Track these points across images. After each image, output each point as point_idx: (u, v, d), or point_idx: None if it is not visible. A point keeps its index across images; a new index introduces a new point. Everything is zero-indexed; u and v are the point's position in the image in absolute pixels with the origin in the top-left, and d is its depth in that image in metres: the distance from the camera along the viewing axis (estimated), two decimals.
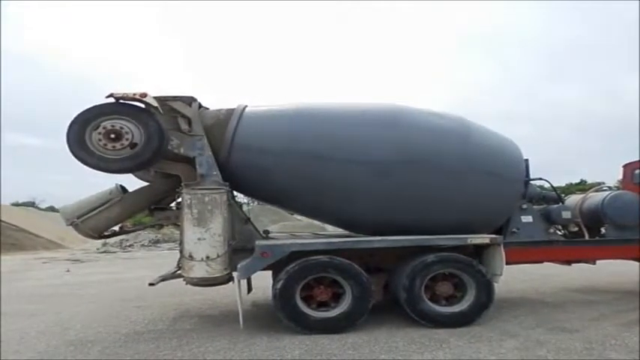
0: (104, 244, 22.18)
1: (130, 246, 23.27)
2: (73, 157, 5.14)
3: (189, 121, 5.66)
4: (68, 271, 13.23)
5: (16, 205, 41.27)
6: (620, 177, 8.32)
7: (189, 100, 5.74)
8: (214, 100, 6.01)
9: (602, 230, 6.83)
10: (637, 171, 7.88)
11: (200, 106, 5.94)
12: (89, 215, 5.75)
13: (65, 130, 5.11)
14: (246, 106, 6.05)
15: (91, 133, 5.13)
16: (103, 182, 6.08)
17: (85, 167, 5.18)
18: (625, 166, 8.11)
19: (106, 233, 6.12)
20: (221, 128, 5.77)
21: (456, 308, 5.43)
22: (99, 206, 5.79)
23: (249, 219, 5.96)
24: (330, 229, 7.97)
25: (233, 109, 5.96)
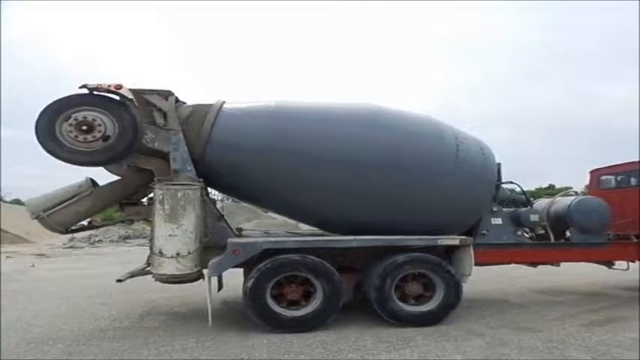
0: (71, 239, 21.58)
1: (98, 241, 22.67)
2: (41, 149, 4.99)
3: (164, 115, 5.58)
4: (33, 265, 12.84)
5: None
6: (587, 182, 8.65)
7: (166, 94, 5.65)
8: (213, 99, 5.87)
9: (568, 234, 7.06)
10: (602, 177, 8.21)
11: (177, 100, 5.85)
12: (56, 209, 5.58)
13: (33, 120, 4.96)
14: (224, 102, 6.00)
15: (61, 125, 4.99)
16: (74, 175, 5.93)
17: (55, 160, 5.05)
18: (591, 172, 8.43)
19: (73, 228, 5.96)
20: (197, 124, 5.70)
21: (424, 308, 5.52)
22: (67, 200, 5.62)
23: (222, 216, 5.91)
24: (305, 227, 7.98)
25: (210, 105, 5.90)
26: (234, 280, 6.27)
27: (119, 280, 5.54)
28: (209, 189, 6.08)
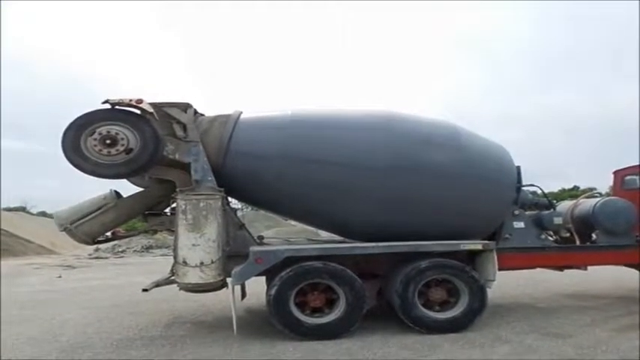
0: (96, 250, 22.01)
1: (122, 252, 23.07)
2: (68, 163, 5.13)
3: (184, 127, 5.68)
4: (60, 276, 13.12)
5: (8, 210, 40.88)
6: (611, 183, 8.44)
7: (185, 107, 5.76)
8: (214, 100, 6.02)
9: (593, 236, 6.91)
10: (627, 177, 8.00)
11: (195, 112, 5.96)
12: (83, 221, 5.72)
13: (60, 135, 5.12)
14: (241, 112, 6.09)
15: (86, 139, 5.13)
16: (94, 188, 6.09)
17: (78, 172, 5.18)
18: (615, 173, 8.23)
19: (99, 239, 6.10)
20: (216, 134, 5.80)
21: (449, 314, 5.46)
22: (93, 211, 5.76)
23: (243, 225, 5.97)
24: (324, 234, 7.99)
25: (228, 115, 5.99)
26: (258, 287, 6.31)
27: (145, 290, 5.63)
28: (229, 198, 6.15)
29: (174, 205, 5.55)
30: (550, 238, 6.84)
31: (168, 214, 6.14)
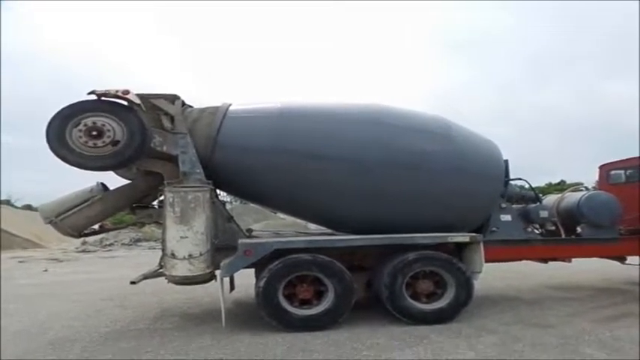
0: (83, 243, 21.80)
1: (110, 245, 22.88)
2: (52, 155, 5.06)
3: (172, 119, 5.64)
4: (46, 270, 12.99)
5: None
6: (597, 178, 8.58)
7: (173, 98, 5.71)
8: (214, 99, 5.99)
9: (578, 229, 7.02)
10: (612, 172, 8.14)
11: (183, 103, 5.91)
12: (69, 213, 5.66)
13: (44, 127, 5.04)
14: (230, 104, 6.05)
15: (71, 130, 5.06)
16: (81, 181, 6.01)
17: (65, 165, 5.12)
18: (601, 167, 8.36)
19: (85, 232, 6.04)
20: (205, 126, 5.76)
21: (436, 305, 5.52)
22: (79, 204, 5.71)
23: (232, 217, 5.96)
24: (314, 227, 8.02)
25: (217, 107, 5.96)
26: (246, 280, 6.32)
27: (133, 282, 5.62)
28: (218, 191, 6.13)
29: (162, 197, 5.52)
30: (536, 231, 6.93)
31: (156, 206, 6.10)
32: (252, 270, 5.74)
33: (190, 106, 6.11)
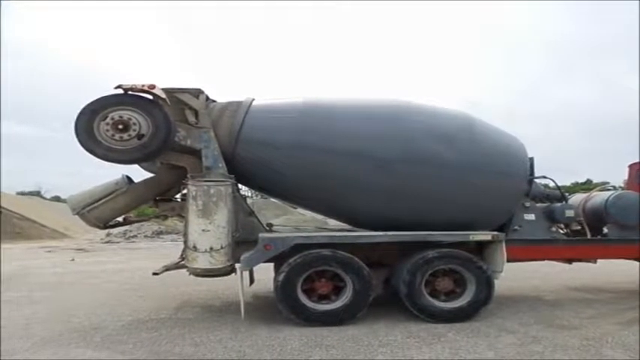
0: (108, 235, 22.33)
1: (133, 237, 23.37)
2: (80, 147, 5.21)
3: (196, 113, 5.72)
4: (73, 260, 13.37)
5: (22, 194, 41.55)
6: (626, 177, 8.32)
7: (197, 93, 5.78)
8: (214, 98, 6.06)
9: (605, 230, 6.85)
10: None
11: (207, 98, 5.99)
12: (95, 205, 5.82)
13: (73, 121, 5.18)
14: (253, 99, 6.10)
15: (99, 124, 5.19)
16: (106, 173, 6.16)
17: (91, 157, 5.26)
18: (631, 166, 8.10)
19: (110, 223, 6.20)
20: (228, 121, 5.82)
21: (455, 304, 5.48)
22: (105, 196, 5.86)
23: (253, 212, 6.02)
24: (333, 223, 8.04)
25: (240, 102, 6.01)
26: (265, 274, 6.39)
27: (155, 274, 5.75)
28: (240, 185, 6.20)
29: (184, 191, 5.61)
30: (561, 231, 6.79)
31: (179, 200, 6.22)
32: (272, 264, 5.80)
33: (214, 101, 6.18)
